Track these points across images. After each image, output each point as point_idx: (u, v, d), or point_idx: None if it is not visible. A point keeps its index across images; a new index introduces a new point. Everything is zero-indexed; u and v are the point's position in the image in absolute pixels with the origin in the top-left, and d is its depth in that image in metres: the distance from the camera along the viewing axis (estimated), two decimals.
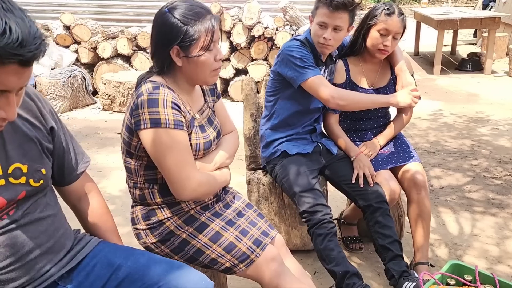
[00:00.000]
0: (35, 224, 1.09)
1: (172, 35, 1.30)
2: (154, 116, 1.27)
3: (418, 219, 1.99)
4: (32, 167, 1.09)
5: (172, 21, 1.29)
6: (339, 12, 1.84)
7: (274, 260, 1.44)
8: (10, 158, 1.05)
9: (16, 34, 0.81)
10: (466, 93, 5.56)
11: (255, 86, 2.28)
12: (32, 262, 1.08)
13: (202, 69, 1.35)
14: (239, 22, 5.26)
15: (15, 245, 1.04)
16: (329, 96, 1.88)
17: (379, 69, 2.14)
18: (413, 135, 4.09)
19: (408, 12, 11.65)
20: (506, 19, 7.24)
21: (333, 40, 1.90)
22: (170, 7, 1.32)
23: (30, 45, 0.83)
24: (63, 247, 1.16)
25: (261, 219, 1.59)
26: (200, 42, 1.30)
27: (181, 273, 1.15)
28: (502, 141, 3.89)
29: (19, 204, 1.07)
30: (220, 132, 1.54)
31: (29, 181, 1.08)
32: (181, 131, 1.30)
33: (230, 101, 5.45)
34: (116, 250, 1.23)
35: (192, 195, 1.36)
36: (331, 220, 1.84)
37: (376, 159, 2.09)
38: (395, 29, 1.96)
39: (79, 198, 1.32)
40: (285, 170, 1.97)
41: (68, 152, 1.24)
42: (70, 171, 1.26)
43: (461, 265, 1.76)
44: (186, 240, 1.43)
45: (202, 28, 1.29)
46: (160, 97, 1.28)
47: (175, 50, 1.32)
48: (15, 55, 0.82)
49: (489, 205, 2.77)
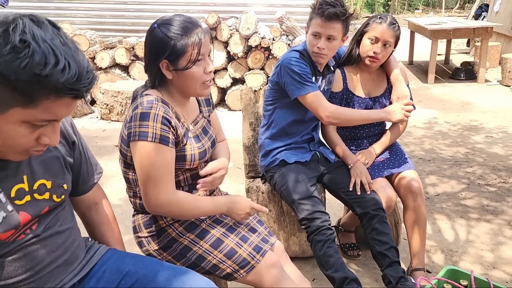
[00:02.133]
0: (54, 238, 1.11)
1: (161, 49, 1.35)
2: (143, 129, 1.31)
3: (414, 225, 2.03)
4: (55, 182, 1.11)
5: (161, 36, 1.34)
6: (332, 22, 1.89)
7: (274, 266, 1.47)
8: (36, 174, 1.07)
9: (74, 70, 0.85)
10: (460, 102, 5.64)
11: (253, 96, 2.33)
12: (48, 274, 1.10)
13: (192, 82, 1.39)
14: (236, 32, 5.33)
15: (35, 259, 1.06)
16: (323, 115, 1.94)
17: (375, 78, 2.19)
18: (409, 143, 4.15)
19: (402, 22, 11.77)
20: (499, 28, 7.37)
21: (327, 50, 1.94)
22: (159, 23, 1.37)
23: (85, 79, 0.87)
24: (77, 258, 1.18)
25: (261, 226, 1.62)
26: (187, 55, 1.35)
27: (188, 278, 1.18)
28: (496, 149, 3.95)
29: (41, 219, 1.09)
30: (215, 142, 1.59)
31: (52, 196, 1.10)
32: (165, 147, 1.33)
33: (227, 110, 5.49)
34: (124, 257, 1.26)
35: (156, 211, 1.39)
36: (329, 226, 1.87)
37: (372, 167, 2.13)
38: (385, 37, 2.01)
39: (89, 207, 1.35)
40: (284, 178, 2.00)
41: (84, 163, 1.27)
42: (84, 182, 1.29)
43: (457, 270, 1.79)
44: (187, 246, 1.46)
45: (189, 41, 1.34)
46: (152, 111, 1.32)
47: (164, 64, 1.37)
48: (72, 90, 0.85)
49: (484, 212, 2.81)
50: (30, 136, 0.92)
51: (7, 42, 0.81)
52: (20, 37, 0.81)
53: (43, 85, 0.83)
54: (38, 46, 0.82)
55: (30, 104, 0.85)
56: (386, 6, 21.40)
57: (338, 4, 1.88)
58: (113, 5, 6.53)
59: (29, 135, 0.91)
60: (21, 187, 1.04)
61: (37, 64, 0.81)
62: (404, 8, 21.08)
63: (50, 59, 0.82)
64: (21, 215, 1.03)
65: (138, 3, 6.51)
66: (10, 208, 1.01)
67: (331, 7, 1.86)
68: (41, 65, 0.81)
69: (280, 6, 6.05)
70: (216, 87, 5.53)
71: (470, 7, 14.45)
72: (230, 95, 5.45)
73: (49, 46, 0.83)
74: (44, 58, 0.82)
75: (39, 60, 0.81)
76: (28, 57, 0.81)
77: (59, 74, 0.83)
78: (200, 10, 6.33)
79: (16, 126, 0.88)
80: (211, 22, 5.26)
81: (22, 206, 1.03)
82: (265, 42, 5.26)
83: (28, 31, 0.82)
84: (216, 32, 5.36)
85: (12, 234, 1.02)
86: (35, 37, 0.82)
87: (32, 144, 0.94)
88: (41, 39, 0.83)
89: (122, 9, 6.53)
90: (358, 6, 19.27)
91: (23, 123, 0.88)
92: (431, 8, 21.33)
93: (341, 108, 2.06)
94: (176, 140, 1.38)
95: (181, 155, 1.41)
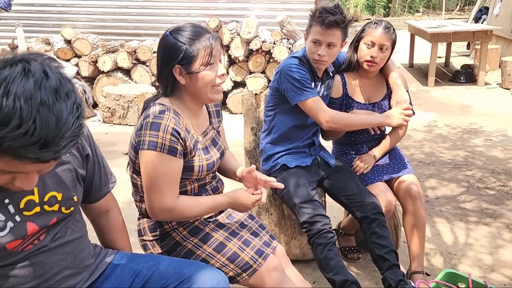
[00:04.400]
0: (63, 247, 1.13)
1: (173, 54, 1.39)
2: (152, 139, 1.34)
3: (413, 229, 2.06)
4: (66, 195, 1.12)
5: (173, 42, 1.39)
6: (332, 30, 1.92)
7: (275, 269, 1.51)
8: (47, 187, 1.08)
9: (37, 137, 0.76)
10: (460, 105, 5.67)
11: (255, 101, 2.36)
12: (58, 282, 1.12)
13: (204, 85, 1.42)
14: (237, 36, 5.37)
15: (44, 267, 1.09)
16: (323, 120, 1.98)
17: (375, 84, 2.22)
18: (409, 146, 4.18)
19: (403, 24, 11.81)
20: (498, 31, 7.40)
21: (327, 56, 1.97)
22: (171, 30, 1.42)
23: (53, 147, 0.79)
24: (87, 266, 1.20)
25: (263, 229, 1.66)
26: (199, 58, 1.38)
27: (201, 270, 1.23)
28: (495, 152, 3.98)
29: (49, 229, 1.11)
30: (223, 153, 1.62)
31: (61, 208, 1.12)
32: (173, 157, 1.37)
33: (228, 113, 5.53)
34: (134, 257, 1.31)
35: (158, 217, 1.43)
36: (330, 230, 1.90)
37: (371, 171, 2.16)
38: (380, 41, 2.04)
39: (100, 214, 1.38)
40: (285, 182, 2.03)
41: (98, 173, 1.30)
42: (97, 191, 1.32)
43: (455, 273, 1.83)
44: (191, 250, 1.49)
45: (200, 45, 1.38)
46: (163, 122, 1.36)
47: (177, 69, 1.40)
48: (29, 157, 0.78)
49: (483, 215, 2.84)
50: (3, 178, 0.88)
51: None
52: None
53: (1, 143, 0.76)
54: (6, 105, 0.75)
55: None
56: (387, 8, 21.45)
57: (337, 11, 1.91)
58: (115, 9, 6.58)
59: (1, 177, 0.87)
60: (31, 199, 1.05)
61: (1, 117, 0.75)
62: (405, 10, 21.12)
63: (12, 121, 0.75)
64: (29, 225, 1.05)
65: (140, 7, 6.56)
66: (18, 218, 1.03)
67: (331, 15, 1.89)
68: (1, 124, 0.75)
69: (281, 10, 6.10)
70: None
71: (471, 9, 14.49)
72: (231, 98, 5.49)
73: (19, 107, 0.76)
74: (8, 118, 0.75)
75: (1, 119, 0.75)
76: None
77: (18, 138, 0.76)
78: (201, 14, 6.39)
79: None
80: (212, 26, 5.30)
81: (30, 217, 1.05)
82: (266, 46, 5.30)
83: (6, 84, 0.76)
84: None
85: (19, 244, 1.04)
86: (10, 93, 0.76)
87: (7, 182, 0.90)
88: (16, 95, 0.76)
89: (124, 13, 6.58)
90: (358, 9, 19.31)
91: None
92: (431, 10, 21.37)
93: (340, 113, 2.08)
94: (185, 152, 1.41)
95: (189, 166, 1.44)
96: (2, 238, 1.00)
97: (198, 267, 1.26)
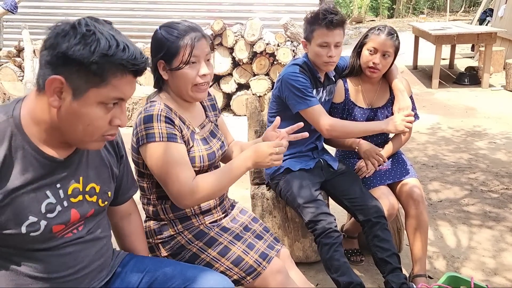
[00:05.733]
0: (94, 242, 1.20)
1: (158, 49, 1.44)
2: (149, 131, 1.38)
3: (416, 232, 2.07)
4: (103, 188, 1.22)
5: (159, 37, 1.44)
6: (337, 29, 1.95)
7: (280, 272, 1.52)
8: (89, 178, 1.18)
9: (132, 50, 1.01)
10: (463, 107, 5.67)
11: (259, 105, 2.38)
12: (84, 276, 1.17)
13: (184, 82, 1.45)
14: (241, 38, 5.40)
15: (77, 259, 1.15)
16: (323, 129, 2.00)
17: (378, 89, 2.23)
18: (412, 149, 4.18)
19: (407, 26, 11.80)
20: (503, 33, 7.39)
21: (337, 56, 2.01)
22: (162, 25, 1.47)
23: (141, 59, 1.03)
24: (107, 266, 1.26)
25: (267, 232, 1.68)
26: (179, 55, 1.42)
27: (205, 274, 1.27)
28: (499, 155, 3.98)
29: (86, 222, 1.19)
30: (224, 144, 1.64)
31: (98, 201, 1.20)
32: (175, 143, 1.39)
33: (232, 115, 5.55)
34: (143, 259, 1.35)
35: (186, 205, 1.39)
36: (336, 229, 1.91)
37: (374, 175, 2.17)
38: (383, 47, 2.05)
39: (123, 217, 1.42)
40: (289, 184, 2.05)
41: (126, 176, 1.37)
42: (123, 193, 1.38)
43: (457, 277, 1.84)
44: (196, 254, 1.51)
45: (183, 43, 1.41)
46: (154, 112, 1.39)
47: (161, 64, 1.45)
48: (134, 65, 1.01)
49: (486, 218, 2.85)
50: (105, 117, 1.05)
51: (76, 34, 0.97)
52: (85, 28, 0.98)
53: (110, 64, 0.99)
54: (101, 33, 0.98)
55: (102, 83, 1.00)
56: (391, 9, 21.41)
57: (337, 11, 1.96)
58: (120, 11, 6.62)
59: (104, 117, 1.04)
60: (77, 187, 1.14)
61: (103, 47, 0.97)
62: (409, 11, 21.07)
63: (112, 42, 0.98)
64: (72, 212, 1.13)
65: (145, 9, 6.60)
66: (66, 203, 1.12)
67: (334, 15, 1.92)
68: (106, 47, 0.97)
69: (284, 13, 6.12)
70: (221, 92, 5.60)
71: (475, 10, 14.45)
72: (235, 100, 5.52)
73: (108, 33, 1.00)
74: (108, 41, 0.98)
75: (104, 44, 0.97)
76: (95, 42, 0.97)
77: (121, 53, 0.99)
78: (205, 16, 6.42)
79: (93, 108, 1.02)
80: (216, 28, 5.33)
81: (75, 204, 1.14)
82: (270, 48, 5.33)
83: (90, 24, 0.99)
84: (222, 38, 5.43)
85: (63, 229, 1.12)
86: (97, 27, 0.99)
87: (106, 127, 1.07)
88: (101, 29, 1.00)
89: (128, 15, 6.63)
90: (362, 10, 19.30)
91: (99, 104, 1.02)
92: (436, 11, 21.32)
93: (341, 121, 2.09)
94: (183, 140, 1.44)
95: (190, 157, 1.46)
96: (52, 219, 1.08)
97: (202, 271, 1.29)
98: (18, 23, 6.15)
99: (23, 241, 1.06)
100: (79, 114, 1.01)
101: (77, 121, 1.02)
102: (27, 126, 1.04)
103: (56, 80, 0.97)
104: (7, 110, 1.05)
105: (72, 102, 1.00)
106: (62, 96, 1.00)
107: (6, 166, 1.01)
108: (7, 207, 1.01)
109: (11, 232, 1.03)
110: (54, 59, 0.98)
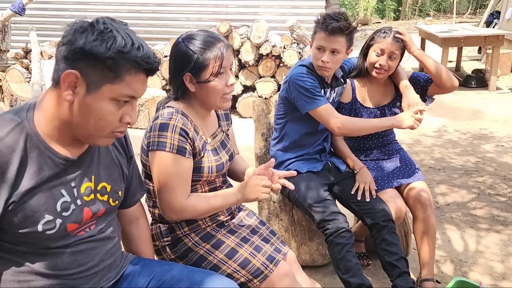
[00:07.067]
0: (105, 242, 1.22)
1: (184, 63, 1.42)
2: (161, 140, 1.38)
3: (423, 236, 2.06)
4: (114, 188, 1.24)
5: (184, 50, 1.42)
6: (336, 36, 1.93)
7: (286, 275, 1.52)
8: (101, 177, 1.20)
9: (146, 49, 1.05)
10: (470, 110, 5.63)
11: (265, 107, 2.38)
12: (94, 275, 1.19)
13: (213, 94, 1.45)
14: (248, 40, 5.40)
15: (88, 256, 1.17)
16: (335, 127, 1.98)
17: (384, 90, 2.24)
18: (418, 152, 4.16)
19: (413, 28, 11.76)
20: (510, 36, 7.35)
21: (331, 63, 1.98)
22: (183, 38, 1.45)
23: (154, 58, 1.07)
24: (116, 266, 1.27)
25: (274, 236, 1.67)
26: (209, 68, 1.41)
27: (212, 278, 1.28)
28: (506, 158, 3.95)
29: (98, 221, 1.21)
30: (232, 155, 1.65)
31: (109, 200, 1.23)
32: (182, 157, 1.40)
33: (238, 117, 5.56)
34: (151, 262, 1.36)
35: (171, 217, 1.44)
36: (348, 229, 1.91)
37: (381, 177, 2.17)
38: (389, 49, 2.06)
39: (130, 221, 1.43)
40: (297, 186, 2.04)
41: (135, 178, 1.38)
42: (132, 195, 1.39)
43: (465, 281, 1.82)
44: (203, 256, 1.51)
45: (211, 55, 1.41)
46: (171, 122, 1.39)
47: (187, 77, 1.44)
48: (147, 63, 1.05)
49: (494, 222, 2.83)
50: (116, 114, 1.07)
51: (93, 30, 1.01)
52: (103, 26, 1.02)
53: (125, 60, 1.02)
54: (117, 32, 1.02)
55: (116, 80, 1.03)
56: (397, 12, 21.36)
57: (341, 18, 1.93)
58: (126, 14, 6.65)
59: (115, 113, 1.07)
60: (89, 185, 1.17)
61: (119, 44, 1.01)
62: (415, 13, 21.02)
63: (128, 40, 1.02)
64: (85, 211, 1.15)
65: (151, 11, 6.63)
66: (79, 202, 1.14)
67: (334, 21, 1.91)
68: (122, 44, 1.01)
69: (291, 15, 6.12)
70: None
71: (482, 12, 14.38)
72: (241, 102, 5.52)
73: (125, 32, 1.04)
74: (124, 39, 1.02)
75: (120, 41, 1.01)
76: (112, 39, 1.01)
77: (136, 51, 1.03)
78: (211, 19, 6.43)
79: (106, 103, 1.05)
80: (222, 31, 5.34)
81: (87, 202, 1.16)
82: (276, 50, 5.33)
83: (108, 22, 1.03)
84: (228, 41, 5.44)
85: (75, 228, 1.14)
86: (113, 26, 1.03)
87: (117, 123, 1.09)
88: (118, 28, 1.04)
89: (135, 17, 6.65)
90: (368, 12, 19.27)
91: (111, 100, 1.05)
92: (442, 14, 21.24)
93: (351, 119, 2.10)
94: (193, 152, 1.44)
95: (199, 167, 1.47)
96: (67, 218, 1.10)
97: (209, 275, 1.29)
98: (26, 25, 6.20)
99: (38, 239, 1.08)
100: (91, 108, 1.04)
101: (89, 115, 1.05)
102: (40, 125, 1.06)
103: (71, 74, 1.00)
104: (21, 112, 1.07)
105: (86, 96, 1.03)
106: (76, 90, 1.02)
107: (23, 167, 1.03)
108: (24, 206, 1.03)
109: (28, 230, 1.05)
110: (71, 54, 1.00)
